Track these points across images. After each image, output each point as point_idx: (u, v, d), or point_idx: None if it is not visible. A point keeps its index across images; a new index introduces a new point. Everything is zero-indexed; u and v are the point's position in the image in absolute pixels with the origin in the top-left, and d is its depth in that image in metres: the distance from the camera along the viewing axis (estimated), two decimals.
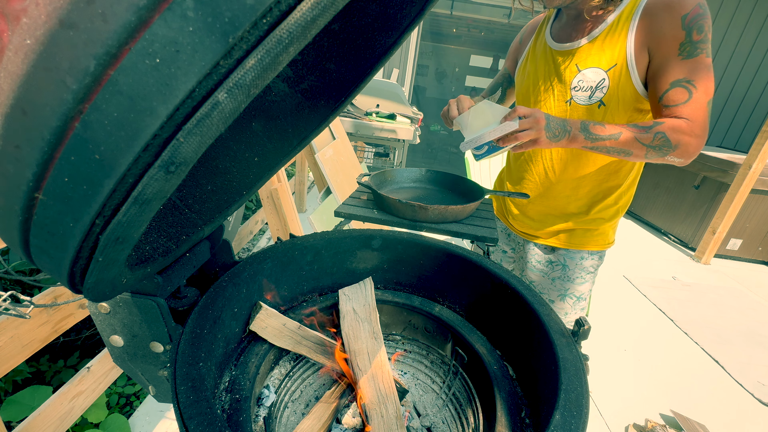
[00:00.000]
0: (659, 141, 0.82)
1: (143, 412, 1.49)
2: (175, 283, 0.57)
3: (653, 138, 0.82)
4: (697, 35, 0.80)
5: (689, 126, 0.82)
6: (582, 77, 0.94)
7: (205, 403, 0.45)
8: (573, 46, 0.95)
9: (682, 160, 0.86)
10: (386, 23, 0.54)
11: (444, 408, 0.78)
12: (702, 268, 3.53)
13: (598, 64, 0.91)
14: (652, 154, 0.85)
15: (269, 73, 0.25)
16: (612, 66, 0.90)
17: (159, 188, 0.27)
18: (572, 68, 0.95)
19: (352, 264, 0.90)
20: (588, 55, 0.93)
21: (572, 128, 0.84)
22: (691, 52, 0.81)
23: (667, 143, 0.82)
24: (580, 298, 1.17)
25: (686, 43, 0.81)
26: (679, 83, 0.83)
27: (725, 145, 5.13)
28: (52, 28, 0.21)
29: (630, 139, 0.83)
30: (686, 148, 0.83)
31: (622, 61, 0.89)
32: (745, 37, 4.69)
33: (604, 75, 0.91)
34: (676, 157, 0.85)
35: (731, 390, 2.01)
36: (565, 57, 0.97)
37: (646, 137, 0.83)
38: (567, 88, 0.97)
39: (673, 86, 0.83)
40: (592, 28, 0.92)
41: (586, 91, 0.94)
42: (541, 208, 1.14)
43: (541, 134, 0.83)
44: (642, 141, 0.83)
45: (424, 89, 9.67)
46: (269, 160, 0.66)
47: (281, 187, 1.82)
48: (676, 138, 0.82)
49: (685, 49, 0.82)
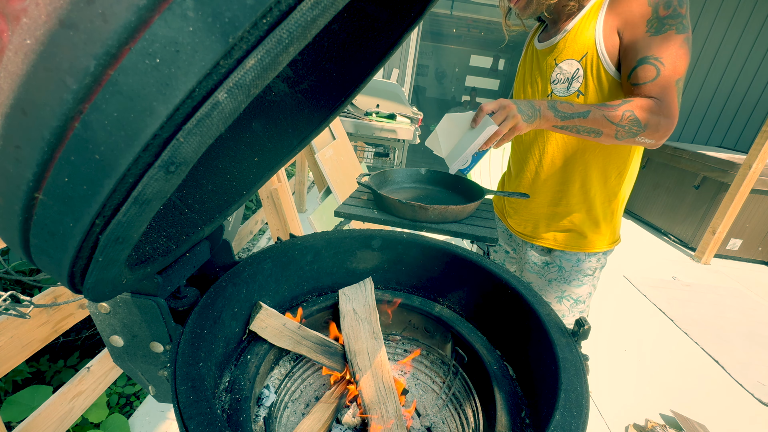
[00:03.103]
0: (628, 120, 0.82)
1: (143, 412, 1.49)
2: (175, 283, 0.57)
3: (621, 116, 0.82)
4: (664, 11, 0.80)
5: (658, 106, 0.82)
6: (559, 70, 0.97)
7: (205, 403, 0.45)
8: (551, 43, 1.00)
9: (653, 141, 0.86)
10: (386, 23, 0.54)
11: (444, 408, 0.78)
12: (702, 268, 3.53)
13: (572, 56, 0.94)
14: (622, 133, 0.84)
15: (269, 73, 0.25)
16: (584, 55, 0.92)
17: (159, 188, 0.27)
18: (551, 63, 0.99)
19: (352, 264, 0.90)
20: (563, 48, 0.96)
21: (541, 106, 0.86)
22: (659, 29, 0.81)
23: (636, 122, 0.82)
24: (577, 301, 1.17)
25: (653, 19, 0.81)
26: (647, 60, 0.82)
27: (725, 145, 5.12)
28: (52, 28, 0.21)
29: (599, 118, 0.83)
30: (656, 128, 0.83)
31: (592, 49, 0.90)
32: (745, 37, 4.69)
33: (578, 65, 0.93)
34: (647, 138, 0.85)
35: (731, 390, 2.01)
36: (546, 54, 1.01)
37: (615, 115, 0.82)
38: (547, 83, 1.01)
39: (640, 63, 0.83)
40: (567, 24, 0.96)
41: (564, 83, 0.97)
42: (533, 208, 1.14)
43: (517, 118, 0.83)
44: (611, 119, 0.83)
45: (424, 89, 9.67)
46: (269, 160, 0.66)
47: (281, 187, 1.82)
48: (645, 117, 0.82)
49: (652, 25, 0.81)
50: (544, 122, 0.87)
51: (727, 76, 4.90)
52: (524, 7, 0.95)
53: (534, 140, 1.08)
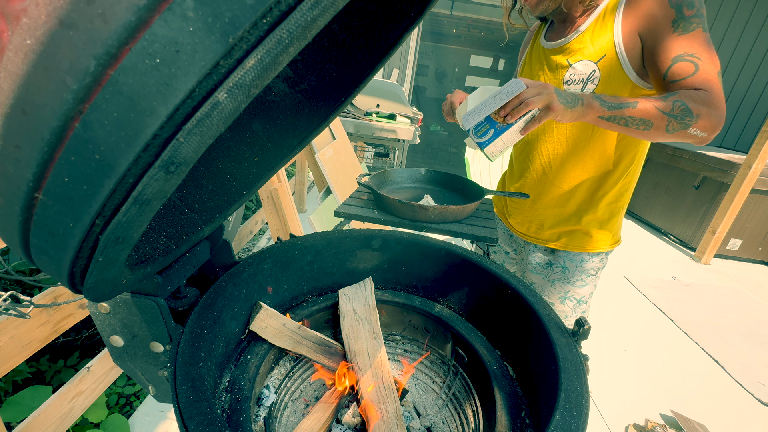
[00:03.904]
0: (679, 110, 0.77)
1: (143, 412, 1.49)
2: (175, 283, 0.57)
3: (672, 106, 0.77)
4: (689, 11, 0.79)
5: (707, 96, 0.78)
6: (573, 71, 0.95)
7: (205, 403, 0.45)
8: (563, 43, 0.98)
9: (705, 134, 0.80)
10: (386, 23, 0.54)
11: (444, 408, 0.78)
12: (702, 268, 3.53)
13: (588, 57, 0.93)
14: (673, 125, 0.79)
15: (269, 73, 0.25)
16: (601, 57, 0.90)
17: (159, 188, 0.27)
18: (563, 64, 0.97)
19: (352, 264, 0.90)
20: (577, 49, 0.95)
21: (584, 97, 0.81)
22: (686, 28, 0.80)
23: (688, 112, 0.77)
24: (580, 301, 1.17)
25: (678, 19, 0.80)
26: (681, 58, 0.80)
27: (725, 145, 5.12)
28: (52, 28, 0.21)
29: (649, 108, 0.78)
30: (708, 119, 0.77)
31: (611, 51, 0.89)
32: (745, 37, 4.69)
33: (594, 66, 0.92)
34: (699, 130, 0.79)
35: (731, 390, 2.01)
36: (557, 54, 0.99)
37: (665, 105, 0.78)
38: (560, 84, 0.99)
39: (675, 61, 0.81)
40: (580, 25, 0.95)
41: (578, 84, 0.95)
42: (538, 208, 1.14)
43: (553, 98, 0.75)
44: (662, 109, 0.78)
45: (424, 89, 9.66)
46: (269, 160, 0.66)
47: (281, 187, 1.82)
48: (697, 107, 0.77)
49: (678, 25, 0.80)
50: (589, 111, 0.80)
51: (727, 76, 4.90)
52: (536, 4, 0.93)
53: (541, 140, 1.07)
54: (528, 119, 0.78)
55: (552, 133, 1.04)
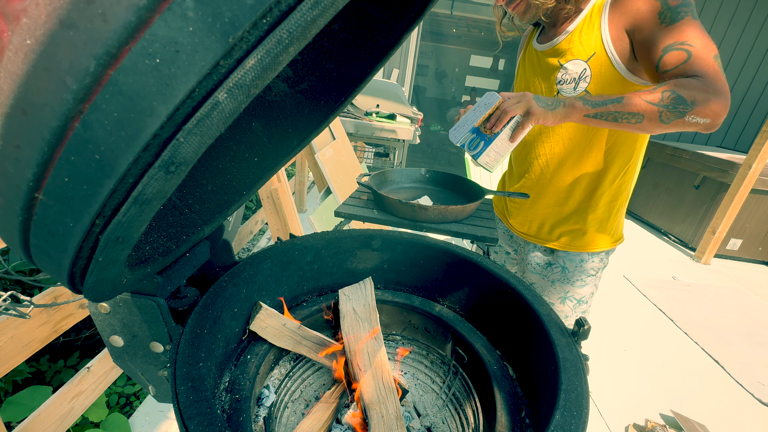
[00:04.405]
0: (669, 99, 0.76)
1: (143, 412, 1.49)
2: (175, 283, 0.57)
3: (661, 96, 0.76)
4: (674, 1, 0.79)
5: (702, 82, 0.75)
6: (564, 71, 0.97)
7: (205, 403, 0.45)
8: (553, 44, 0.99)
9: (707, 120, 0.77)
10: (386, 23, 0.54)
11: (444, 408, 0.78)
12: (702, 268, 3.53)
13: (578, 56, 0.94)
14: (667, 115, 0.77)
15: (269, 73, 0.25)
16: (591, 55, 0.91)
17: (159, 188, 0.27)
18: (554, 64, 0.99)
19: (352, 264, 0.90)
20: (567, 49, 0.96)
21: (565, 99, 0.82)
22: (674, 18, 0.79)
23: (680, 100, 0.75)
24: (581, 302, 1.17)
25: (665, 11, 0.80)
26: (672, 47, 0.79)
27: (725, 145, 5.12)
28: (52, 28, 0.21)
29: (636, 101, 0.78)
30: (707, 105, 0.75)
31: (600, 49, 0.90)
32: (745, 37, 4.69)
33: (585, 65, 0.93)
34: (699, 117, 0.76)
35: (731, 390, 2.01)
36: (548, 56, 1.01)
37: (653, 96, 0.77)
38: (552, 84, 1.00)
39: (666, 51, 0.80)
40: (568, 26, 0.96)
41: (570, 83, 0.96)
42: (538, 208, 1.14)
43: (531, 103, 0.79)
44: (650, 101, 0.77)
45: (424, 89, 9.66)
46: (269, 160, 0.66)
47: (281, 187, 1.82)
48: (690, 94, 0.75)
49: (666, 16, 0.80)
50: (572, 111, 0.81)
51: (727, 76, 4.85)
52: (523, 12, 0.95)
53: (539, 141, 1.08)
54: (513, 126, 0.83)
55: (549, 133, 1.05)
